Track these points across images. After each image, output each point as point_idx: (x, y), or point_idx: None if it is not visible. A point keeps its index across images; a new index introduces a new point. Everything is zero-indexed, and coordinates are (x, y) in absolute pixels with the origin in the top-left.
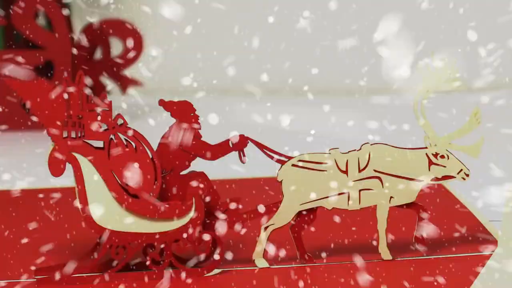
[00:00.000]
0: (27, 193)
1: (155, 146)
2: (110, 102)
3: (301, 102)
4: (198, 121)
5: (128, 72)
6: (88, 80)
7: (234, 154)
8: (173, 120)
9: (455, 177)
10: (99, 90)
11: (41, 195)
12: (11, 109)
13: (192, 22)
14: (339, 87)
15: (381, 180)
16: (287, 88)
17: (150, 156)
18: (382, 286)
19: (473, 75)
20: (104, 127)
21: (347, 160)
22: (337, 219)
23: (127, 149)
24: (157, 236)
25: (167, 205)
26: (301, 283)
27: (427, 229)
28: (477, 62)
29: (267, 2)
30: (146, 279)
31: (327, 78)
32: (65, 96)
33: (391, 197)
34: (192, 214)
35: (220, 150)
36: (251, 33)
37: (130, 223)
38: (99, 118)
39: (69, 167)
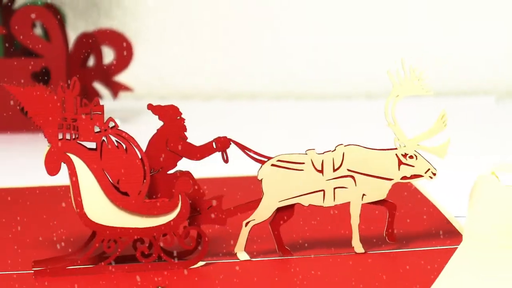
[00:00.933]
0: (25, 190)
1: (144, 147)
2: (102, 106)
3: (286, 106)
4: (184, 124)
5: (119, 78)
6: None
7: (218, 155)
8: (161, 123)
9: (423, 176)
10: (92, 95)
11: (37, 192)
12: (11, 113)
13: (179, 31)
14: (317, 91)
15: (354, 179)
16: (272, 91)
17: (140, 157)
18: (354, 277)
19: (440, 81)
20: (97, 129)
21: (322, 160)
22: (313, 215)
23: (118, 150)
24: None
25: (155, 202)
26: (279, 275)
27: (396, 225)
28: (446, 68)
29: (255, 7)
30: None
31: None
32: (61, 100)
33: (363, 195)
34: (178, 210)
35: (204, 151)
36: (239, 38)
37: (121, 218)
38: (92, 121)
39: (64, 167)
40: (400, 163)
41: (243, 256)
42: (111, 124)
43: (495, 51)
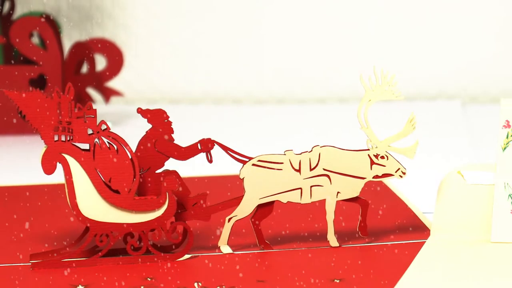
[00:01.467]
0: (23, 188)
1: (134, 148)
2: (95, 110)
3: (267, 110)
4: (171, 126)
5: (110, 84)
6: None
7: (203, 155)
8: (149, 126)
9: (393, 175)
10: (85, 99)
11: (35, 190)
12: (9, 116)
13: (166, 40)
14: (297, 96)
15: (329, 178)
16: (254, 96)
17: (130, 157)
18: (329, 269)
19: (410, 86)
20: (90, 131)
21: (300, 160)
22: (291, 211)
23: (109, 151)
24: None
25: (144, 199)
26: (260, 267)
27: (369, 220)
28: (415, 74)
29: (239, 15)
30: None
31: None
32: (56, 105)
33: (338, 192)
34: (166, 207)
35: (190, 151)
36: (223, 47)
37: (112, 214)
38: (85, 124)
39: (59, 166)
40: (372, 163)
41: (226, 249)
42: (103, 126)
43: (461, 58)
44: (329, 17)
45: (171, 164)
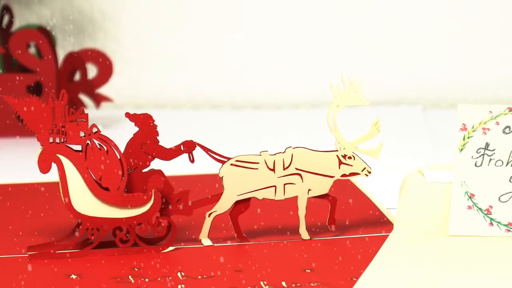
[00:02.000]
0: (22, 186)
1: (122, 149)
2: (87, 114)
3: (244, 115)
4: (157, 129)
5: (101, 91)
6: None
7: (185, 156)
8: (136, 129)
9: (360, 174)
10: (78, 105)
11: (32, 188)
12: (9, 120)
13: (152, 49)
14: (272, 101)
15: (301, 176)
16: (232, 101)
17: (118, 157)
18: (301, 260)
19: (375, 92)
20: (82, 134)
21: (274, 160)
22: (267, 207)
23: (100, 152)
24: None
25: (131, 196)
26: (238, 258)
27: (337, 215)
28: (380, 81)
29: (218, 25)
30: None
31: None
32: (51, 109)
33: (309, 190)
34: (151, 203)
35: (173, 152)
36: (203, 56)
37: (102, 210)
38: (78, 127)
39: (54, 166)
40: (340, 163)
41: (206, 242)
42: (94, 129)
43: (422, 67)
44: (302, 30)
45: (156, 164)
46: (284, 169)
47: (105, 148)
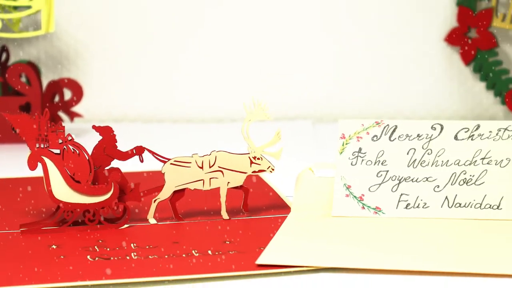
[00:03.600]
0: (17, 180)
1: (90, 152)
2: (64, 126)
3: (187, 128)
4: (116, 138)
5: (74, 109)
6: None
7: (136, 157)
8: (100, 137)
9: (266, 171)
10: (57, 120)
11: (24, 181)
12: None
13: (116, 75)
14: (205, 116)
15: (222, 172)
16: (171, 116)
17: (87, 158)
18: (222, 235)
19: (277, 110)
20: (60, 141)
21: (202, 161)
22: (197, 195)
23: (73, 154)
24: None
25: (97, 187)
26: (176, 233)
27: (249, 201)
28: (280, 102)
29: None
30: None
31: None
32: (37, 123)
33: (228, 182)
34: (111, 192)
35: (127, 155)
36: (163, 75)
37: (76, 197)
38: (57, 136)
39: (39, 165)
40: (251, 162)
41: (152, 221)
42: (69, 138)
43: (312, 89)
44: (219, 61)
45: (115, 163)
46: (210, 167)
47: (77, 151)
